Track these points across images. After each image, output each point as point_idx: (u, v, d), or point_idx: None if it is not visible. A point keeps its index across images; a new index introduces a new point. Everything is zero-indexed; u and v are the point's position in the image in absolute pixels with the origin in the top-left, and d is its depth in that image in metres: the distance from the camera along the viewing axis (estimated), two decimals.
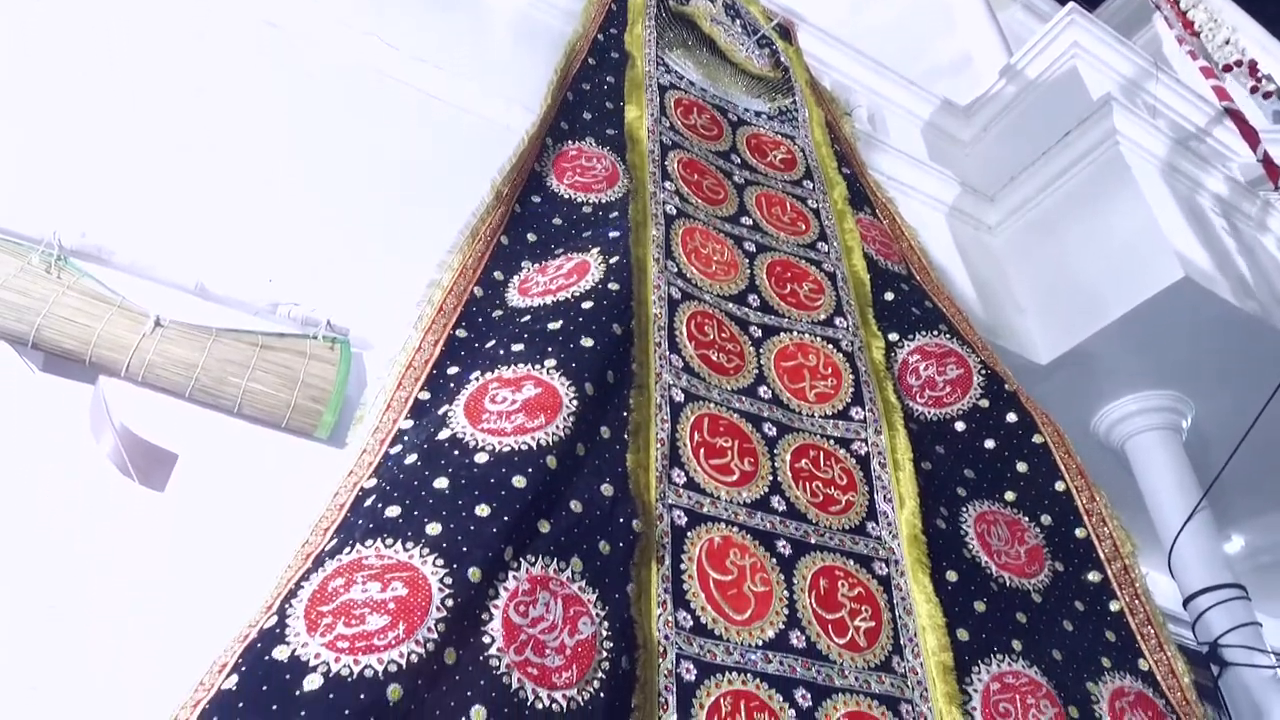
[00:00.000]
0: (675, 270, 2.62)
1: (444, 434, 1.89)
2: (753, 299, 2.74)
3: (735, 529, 2.13)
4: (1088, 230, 3.84)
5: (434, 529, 1.64)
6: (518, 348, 2.13)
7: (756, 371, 2.54)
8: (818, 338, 2.71)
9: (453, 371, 2.12)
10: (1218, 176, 4.18)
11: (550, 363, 2.07)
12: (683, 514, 2.08)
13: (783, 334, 2.68)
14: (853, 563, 2.21)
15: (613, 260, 2.41)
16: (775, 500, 2.25)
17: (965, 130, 4.66)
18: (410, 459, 1.82)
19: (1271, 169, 3.87)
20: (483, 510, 1.69)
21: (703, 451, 2.23)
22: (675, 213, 2.80)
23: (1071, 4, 4.37)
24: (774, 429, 2.42)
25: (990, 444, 2.68)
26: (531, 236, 2.58)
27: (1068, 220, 3.95)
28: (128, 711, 1.62)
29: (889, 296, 2.97)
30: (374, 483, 1.79)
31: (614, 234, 2.53)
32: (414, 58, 2.98)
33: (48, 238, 2.06)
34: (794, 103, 3.68)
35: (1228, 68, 4.58)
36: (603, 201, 2.71)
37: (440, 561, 1.58)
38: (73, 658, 1.68)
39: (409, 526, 1.65)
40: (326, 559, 1.60)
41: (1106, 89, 4.06)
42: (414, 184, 2.70)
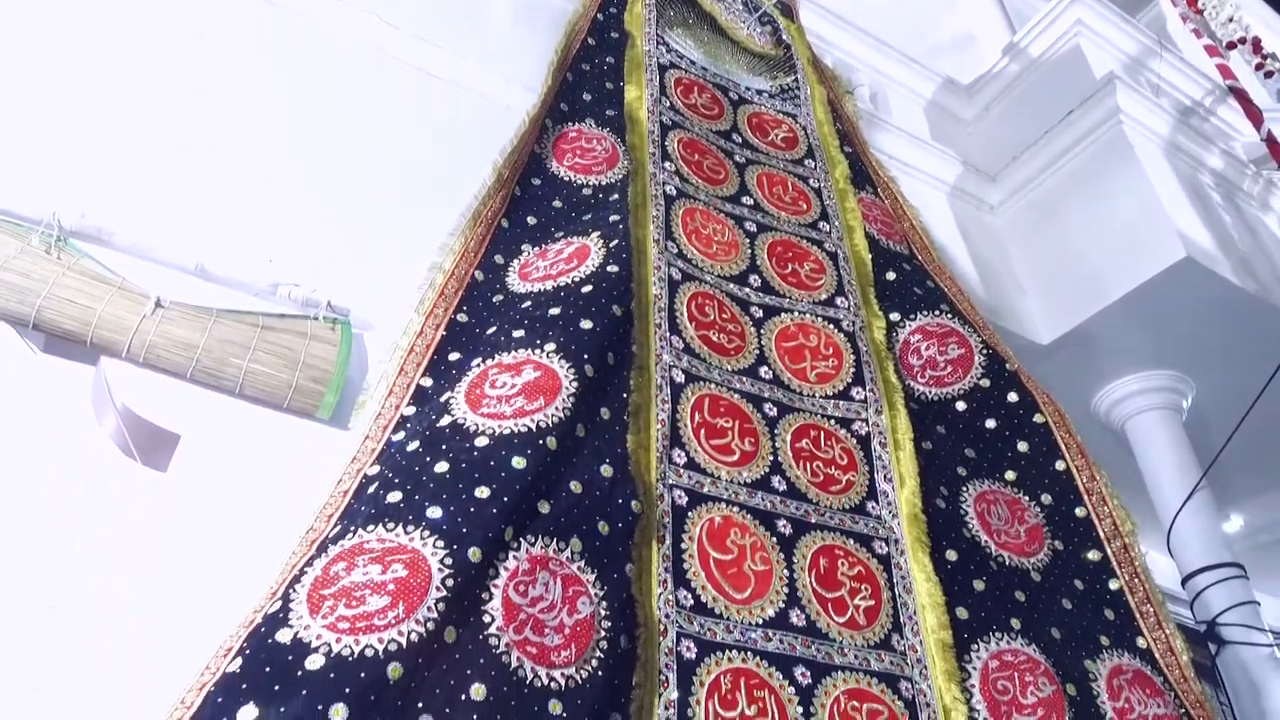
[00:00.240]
0: (675, 251, 2.61)
1: (445, 420, 1.89)
2: (754, 279, 2.73)
3: (736, 509, 2.14)
4: (1090, 210, 3.83)
5: (434, 512, 1.65)
6: (518, 334, 2.13)
7: (757, 352, 2.54)
8: (819, 318, 2.71)
9: (454, 357, 2.12)
10: (1221, 156, 4.16)
11: (550, 346, 2.07)
12: (683, 494, 2.09)
13: (784, 314, 2.68)
14: (853, 542, 2.22)
15: (612, 244, 2.40)
16: (776, 480, 2.26)
17: (967, 109, 4.63)
18: (412, 445, 1.83)
19: (1275, 148, 3.84)
20: (482, 492, 1.70)
21: (703, 432, 2.24)
22: (675, 193, 2.79)
23: None
24: (774, 409, 2.42)
25: (991, 423, 2.69)
26: (532, 220, 2.58)
27: (1070, 200, 3.94)
28: (130, 698, 1.63)
29: (890, 276, 2.97)
30: (377, 469, 1.80)
31: (614, 217, 2.52)
32: (414, 36, 2.96)
33: (47, 219, 2.06)
34: (796, 81, 3.66)
35: (1231, 45, 4.53)
36: (603, 184, 2.70)
37: (440, 543, 1.59)
38: (75, 641, 1.69)
39: (410, 511, 1.66)
40: (329, 544, 1.61)
41: (1110, 67, 4.03)
42: (414, 163, 2.69)
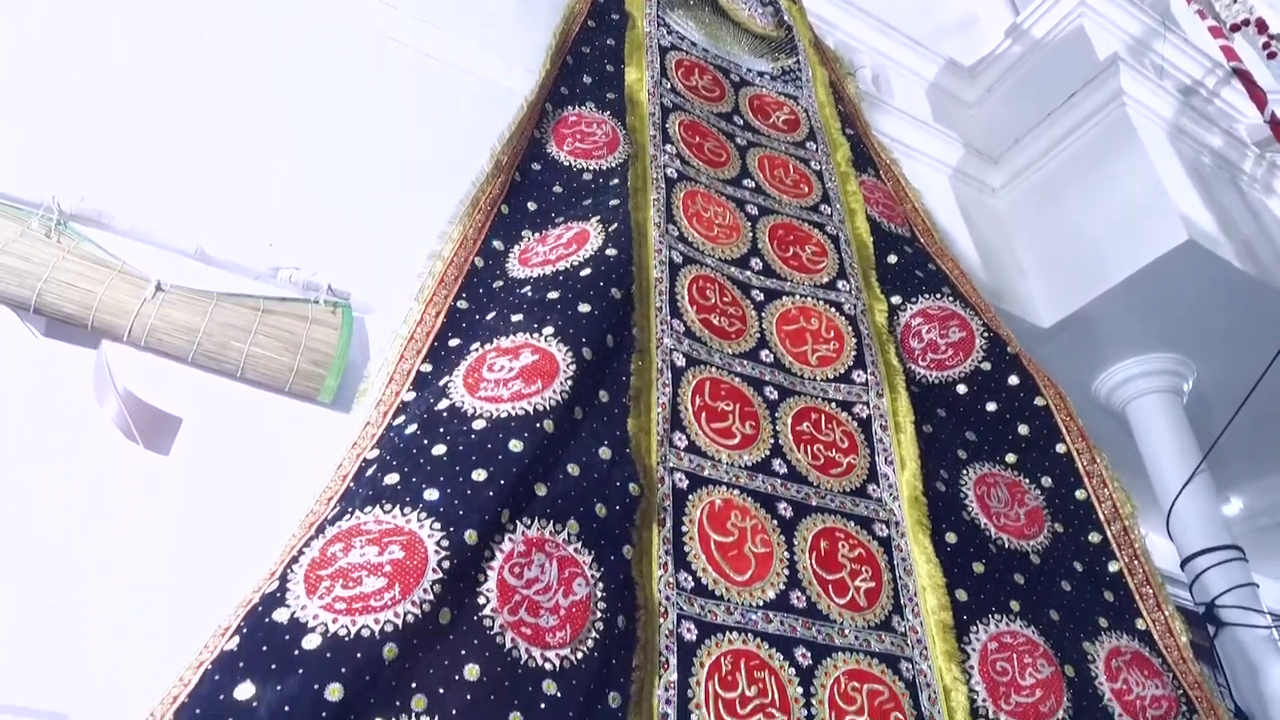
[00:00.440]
0: (676, 234, 2.61)
1: (443, 404, 1.90)
2: (755, 262, 2.73)
3: (736, 492, 2.14)
4: (1092, 193, 3.81)
5: (431, 494, 1.66)
6: (516, 318, 2.13)
7: (758, 335, 2.54)
8: (820, 301, 2.71)
9: (454, 343, 2.12)
10: (1224, 138, 4.14)
11: (548, 330, 2.07)
12: (684, 477, 2.09)
13: (785, 297, 2.68)
14: (853, 524, 2.23)
15: (612, 228, 2.39)
16: (776, 463, 2.26)
17: (970, 91, 4.61)
18: (411, 429, 1.83)
19: (1278, 130, 3.83)
20: (479, 475, 1.70)
21: (704, 415, 2.24)
22: (676, 176, 2.78)
23: None
24: (775, 392, 2.42)
25: (992, 406, 2.69)
26: (532, 205, 2.57)
27: (1072, 183, 3.92)
28: (130, 682, 1.64)
29: (892, 259, 2.96)
30: (376, 453, 1.80)
31: (614, 201, 2.52)
32: (413, 18, 2.95)
33: (47, 202, 2.05)
34: (797, 63, 3.64)
35: (1235, 27, 4.50)
36: (603, 168, 2.69)
37: (437, 525, 1.60)
38: (77, 622, 1.70)
39: (407, 493, 1.66)
40: (327, 526, 1.62)
41: (1113, 49, 4.00)
42: (413, 146, 2.68)
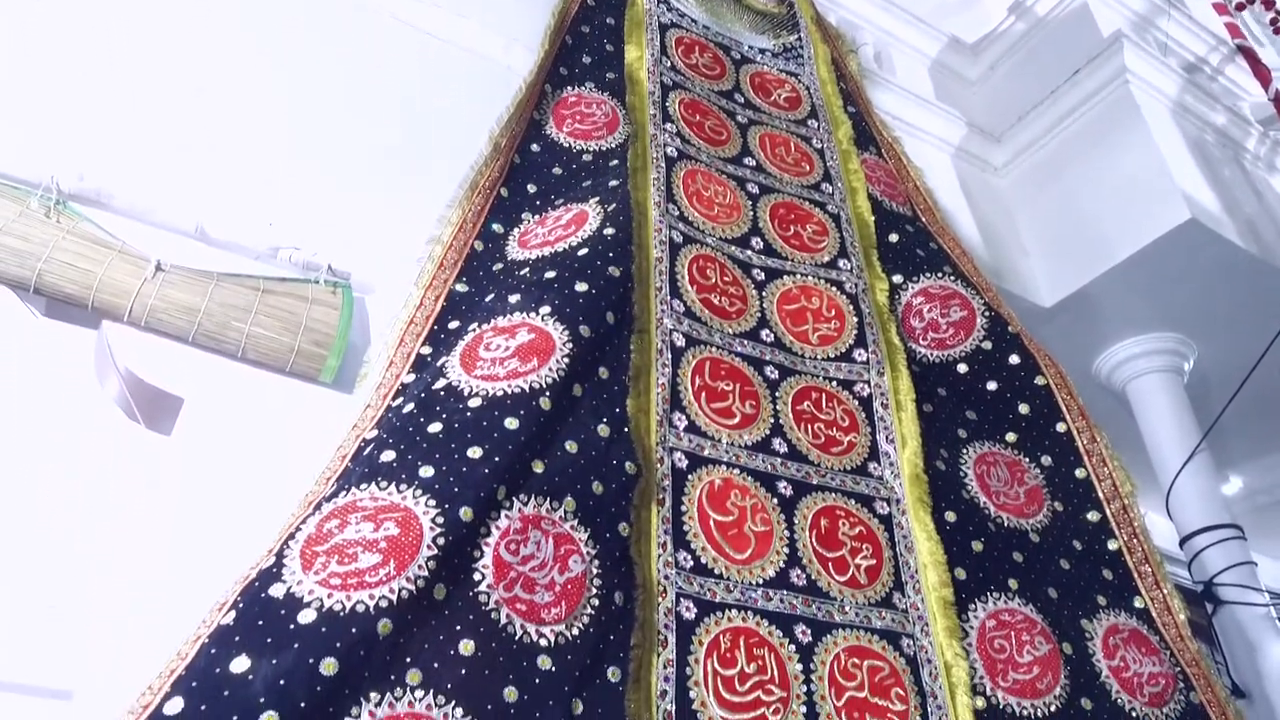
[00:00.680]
0: (677, 214, 2.60)
1: (440, 384, 1.90)
2: (755, 242, 2.72)
3: (736, 471, 2.14)
4: (1094, 171, 3.79)
5: (427, 472, 1.66)
6: (514, 299, 2.13)
7: (759, 315, 2.54)
8: (821, 280, 2.70)
9: (453, 325, 2.12)
10: (1228, 116, 4.11)
11: (545, 309, 2.07)
12: (683, 457, 2.10)
13: (785, 277, 2.67)
14: (854, 502, 2.24)
15: (610, 208, 2.39)
16: (776, 442, 2.26)
17: (973, 69, 4.57)
18: (408, 408, 1.84)
19: None
20: (475, 452, 1.71)
21: (704, 395, 2.24)
22: (676, 155, 2.77)
23: None
24: (776, 372, 2.42)
25: (993, 386, 2.69)
26: (532, 187, 2.56)
27: (1074, 161, 3.90)
28: (131, 650, 1.66)
29: (894, 238, 2.95)
30: (375, 434, 1.81)
31: (613, 182, 2.51)
32: None
33: (45, 181, 2.05)
34: (799, 39, 3.61)
35: (1240, 6, 4.46)
36: (603, 149, 2.67)
37: (432, 502, 1.61)
38: (78, 603, 1.71)
39: (403, 470, 1.67)
40: (324, 503, 1.63)
41: (1117, 25, 3.97)
42: (414, 125, 2.67)
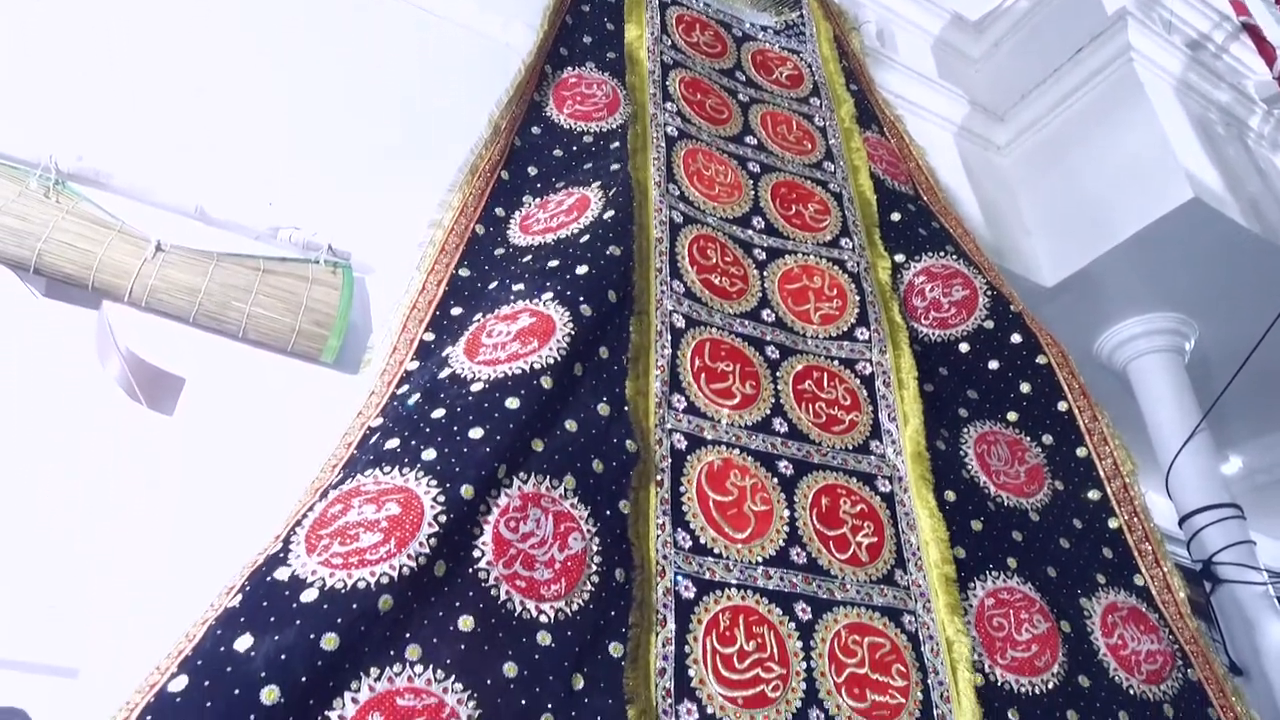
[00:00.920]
0: (677, 194, 2.58)
1: (445, 372, 1.91)
2: (757, 221, 2.71)
3: (736, 451, 2.15)
4: (1098, 150, 3.77)
5: (429, 454, 1.68)
6: (518, 287, 2.14)
7: (760, 295, 2.53)
8: (823, 259, 2.69)
9: (456, 312, 2.12)
10: (1232, 94, 4.09)
11: (547, 295, 2.07)
12: (682, 438, 2.10)
13: (787, 256, 2.66)
14: (855, 480, 2.24)
15: (611, 192, 2.38)
16: (777, 422, 2.26)
17: (976, 47, 4.54)
18: (414, 398, 1.85)
19: None
20: (476, 433, 1.72)
21: (703, 376, 2.24)
22: (677, 134, 2.75)
23: None
24: (777, 352, 2.42)
25: (994, 365, 2.69)
26: (533, 170, 2.55)
27: (1078, 140, 3.88)
28: (135, 630, 1.67)
29: (896, 217, 2.94)
30: (380, 422, 1.83)
31: (614, 165, 2.49)
32: None
33: (44, 161, 2.04)
34: (801, 17, 3.59)
35: None
36: (603, 130, 2.66)
37: (434, 482, 1.62)
38: (81, 583, 1.72)
39: (406, 454, 1.69)
40: (330, 490, 1.65)
41: (1121, 3, 3.94)
42: (413, 104, 2.66)
